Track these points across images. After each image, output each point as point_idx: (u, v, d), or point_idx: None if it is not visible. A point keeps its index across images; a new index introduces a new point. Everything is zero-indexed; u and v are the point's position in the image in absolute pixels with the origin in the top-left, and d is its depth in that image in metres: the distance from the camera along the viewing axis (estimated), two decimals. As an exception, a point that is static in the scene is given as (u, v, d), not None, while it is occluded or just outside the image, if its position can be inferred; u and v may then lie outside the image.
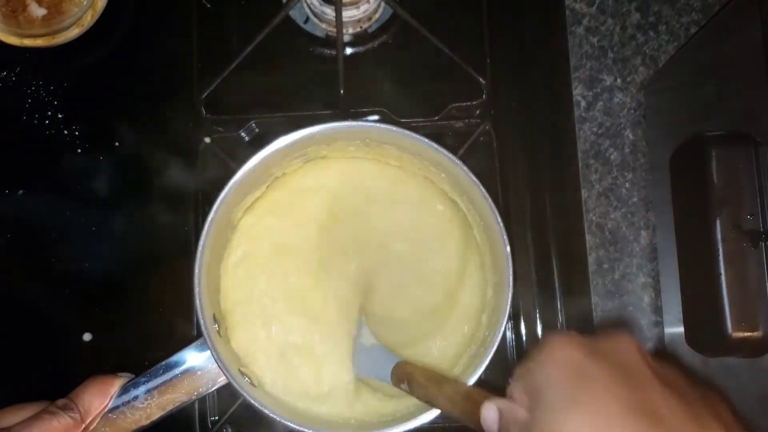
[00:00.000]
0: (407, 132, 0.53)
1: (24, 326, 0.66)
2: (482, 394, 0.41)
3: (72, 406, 0.47)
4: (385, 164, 0.60)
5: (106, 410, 0.49)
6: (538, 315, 0.66)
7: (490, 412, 0.38)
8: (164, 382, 0.50)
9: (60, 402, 0.47)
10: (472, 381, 0.51)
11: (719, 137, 0.51)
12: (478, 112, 0.68)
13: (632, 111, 0.68)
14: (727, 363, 0.53)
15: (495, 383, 0.65)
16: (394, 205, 0.60)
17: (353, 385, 0.57)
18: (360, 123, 0.57)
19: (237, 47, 0.67)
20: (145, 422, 0.50)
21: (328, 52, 0.70)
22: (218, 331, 0.54)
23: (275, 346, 0.57)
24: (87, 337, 0.65)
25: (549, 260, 0.66)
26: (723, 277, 0.48)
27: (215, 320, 0.54)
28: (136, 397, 0.50)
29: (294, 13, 0.70)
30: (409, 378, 0.50)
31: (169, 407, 0.51)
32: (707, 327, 0.51)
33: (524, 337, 0.66)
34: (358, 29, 0.69)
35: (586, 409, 0.33)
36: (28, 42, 0.66)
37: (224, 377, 0.51)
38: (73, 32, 0.67)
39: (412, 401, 0.54)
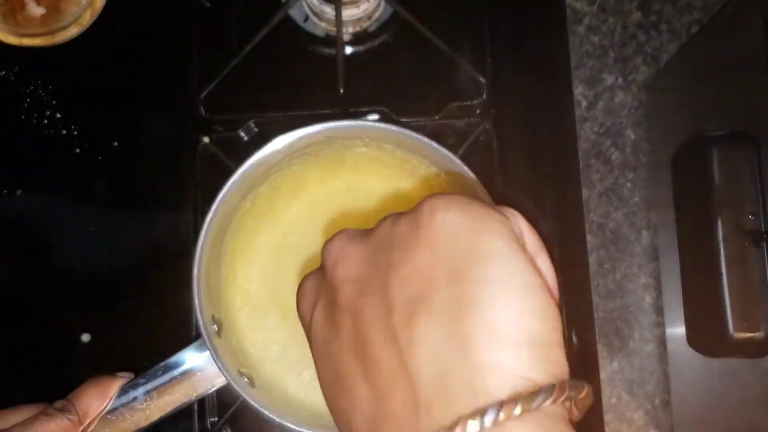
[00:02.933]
0: (407, 131, 0.53)
1: (22, 326, 0.66)
2: None
3: (70, 408, 0.46)
4: (386, 164, 0.60)
5: (104, 412, 0.48)
6: (538, 315, 0.66)
7: None
8: (163, 383, 0.50)
9: (58, 404, 0.47)
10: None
11: (721, 137, 0.50)
12: (478, 111, 0.68)
13: (633, 110, 0.68)
14: (729, 364, 0.52)
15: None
16: (394, 206, 0.60)
17: None
18: (360, 122, 0.57)
19: (237, 47, 0.67)
20: (144, 423, 0.50)
21: (328, 51, 0.69)
22: (217, 332, 0.54)
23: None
24: (86, 337, 0.65)
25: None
26: (724, 278, 0.48)
27: (214, 321, 0.54)
28: (135, 399, 0.49)
29: (294, 13, 0.70)
30: None
31: (169, 408, 0.50)
32: (709, 327, 0.51)
33: (525, 338, 0.66)
34: (358, 28, 0.69)
35: None
36: (26, 41, 0.66)
37: (224, 378, 0.51)
38: (72, 31, 0.67)
39: None
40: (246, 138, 0.68)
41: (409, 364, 0.27)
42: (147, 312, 0.65)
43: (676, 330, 0.61)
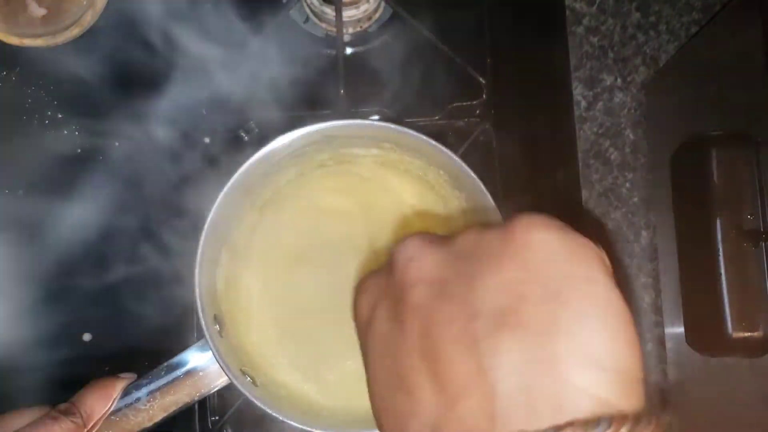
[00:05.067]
0: (407, 130, 0.53)
1: (23, 327, 0.66)
2: None
3: (74, 410, 0.46)
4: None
5: (108, 413, 0.49)
6: (538, 315, 0.66)
7: None
8: (166, 384, 0.50)
9: (62, 406, 0.46)
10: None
11: (719, 137, 0.51)
12: (478, 111, 0.68)
13: (633, 111, 0.68)
14: (728, 363, 0.53)
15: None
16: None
17: None
18: (360, 122, 0.57)
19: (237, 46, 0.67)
20: (147, 424, 0.50)
21: (328, 51, 0.69)
22: (219, 332, 0.54)
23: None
24: (87, 337, 0.65)
25: (549, 260, 0.66)
26: (723, 277, 0.48)
27: (216, 320, 0.54)
28: (138, 399, 0.49)
29: (294, 13, 0.70)
30: None
31: (172, 408, 0.50)
32: (707, 327, 0.51)
33: (525, 337, 0.66)
34: (358, 29, 0.69)
35: None
36: (28, 42, 0.66)
37: (226, 377, 0.51)
38: (74, 32, 0.67)
39: None
40: (246, 138, 0.68)
41: (490, 373, 0.26)
42: (149, 312, 0.66)
43: (675, 329, 0.61)
